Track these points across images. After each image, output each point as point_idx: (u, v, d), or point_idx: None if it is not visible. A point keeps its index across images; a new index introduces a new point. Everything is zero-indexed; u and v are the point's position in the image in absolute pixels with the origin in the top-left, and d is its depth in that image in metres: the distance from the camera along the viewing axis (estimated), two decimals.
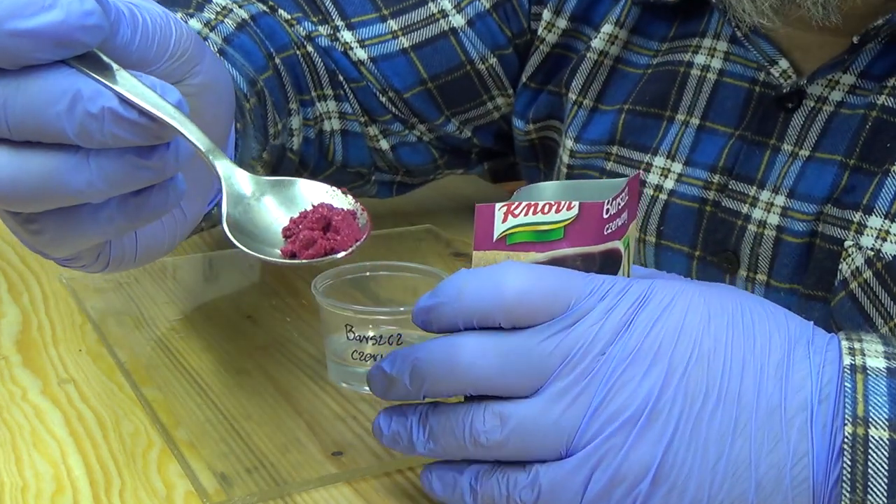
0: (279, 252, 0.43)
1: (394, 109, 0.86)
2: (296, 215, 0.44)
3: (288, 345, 0.71)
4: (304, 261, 0.42)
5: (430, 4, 0.85)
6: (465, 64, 0.86)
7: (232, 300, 0.78)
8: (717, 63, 0.75)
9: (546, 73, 0.86)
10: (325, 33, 0.83)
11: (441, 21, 0.84)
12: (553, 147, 0.88)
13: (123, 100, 0.39)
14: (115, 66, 0.40)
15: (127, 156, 0.41)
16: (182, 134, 0.40)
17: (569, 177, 0.82)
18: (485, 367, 0.46)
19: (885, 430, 0.44)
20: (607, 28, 0.81)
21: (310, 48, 0.82)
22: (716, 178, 0.73)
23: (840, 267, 0.65)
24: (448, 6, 0.85)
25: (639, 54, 0.80)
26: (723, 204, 0.71)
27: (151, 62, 0.44)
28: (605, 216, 0.47)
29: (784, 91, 0.69)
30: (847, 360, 0.46)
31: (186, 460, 0.56)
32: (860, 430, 0.44)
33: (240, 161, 0.65)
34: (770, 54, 0.70)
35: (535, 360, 0.46)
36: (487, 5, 0.85)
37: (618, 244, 0.49)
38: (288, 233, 0.44)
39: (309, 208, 0.44)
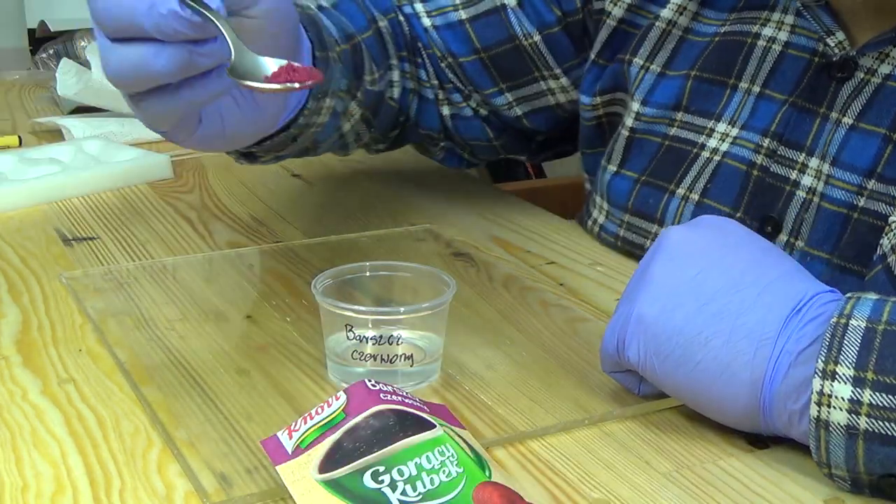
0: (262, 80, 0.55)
1: (451, 76, 0.94)
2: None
3: (288, 345, 0.71)
4: (276, 85, 0.55)
5: None
6: (511, 39, 0.92)
7: (232, 300, 0.78)
8: (783, 35, 0.78)
9: (612, 48, 0.89)
10: (406, 2, 0.94)
11: None
12: (618, 122, 0.89)
13: (183, 3, 0.53)
14: None
15: (188, 46, 0.54)
16: (217, 26, 0.54)
17: (629, 142, 0.85)
18: None
19: (862, 322, 0.53)
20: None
21: (401, 16, 0.94)
22: (766, 143, 0.75)
23: (881, 241, 0.66)
24: None
25: (707, 24, 0.83)
26: (771, 169, 0.74)
27: None
28: (373, 388, 0.54)
29: (834, 60, 0.72)
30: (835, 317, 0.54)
31: (186, 460, 0.56)
32: (842, 321, 0.53)
33: (326, 87, 0.76)
34: (828, 25, 0.74)
35: None
36: None
37: (410, 400, 0.54)
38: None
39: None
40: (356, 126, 0.87)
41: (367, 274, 0.70)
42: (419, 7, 0.94)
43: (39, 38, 1.78)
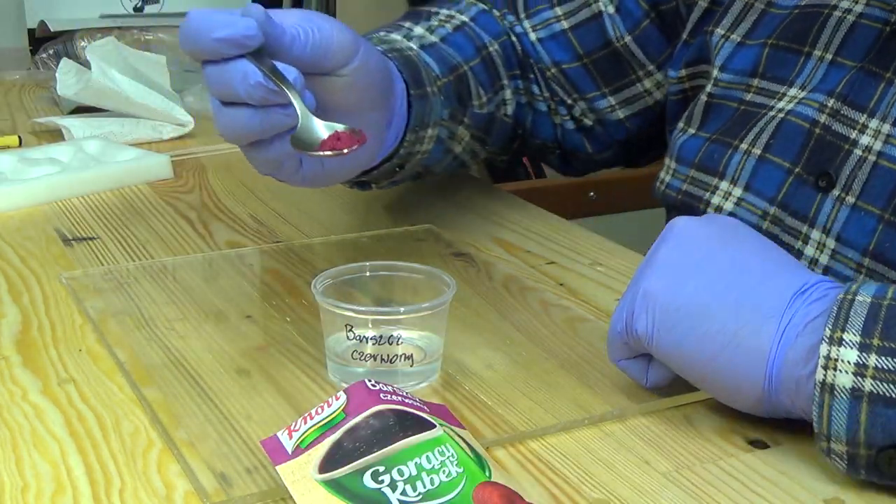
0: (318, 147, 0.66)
1: (557, 87, 0.99)
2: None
3: (288, 345, 0.71)
4: (328, 151, 0.65)
5: None
6: (608, 43, 0.97)
7: (232, 300, 0.78)
8: (858, 7, 0.80)
9: (700, 26, 0.92)
10: (516, 22, 1.00)
11: (593, 5, 0.97)
12: (700, 92, 0.92)
13: (267, 77, 0.64)
14: (270, 60, 0.65)
15: (276, 109, 0.65)
16: (291, 101, 0.65)
17: (707, 107, 0.88)
18: None
19: (868, 297, 0.56)
20: None
21: (513, 37, 1.00)
22: (830, 103, 0.78)
23: None
24: None
25: None
26: (832, 128, 0.76)
27: (320, 59, 0.69)
28: (373, 388, 0.54)
29: None
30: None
31: (186, 460, 0.56)
32: (849, 296, 0.56)
33: (426, 120, 0.83)
34: None
35: None
36: None
37: (410, 400, 0.54)
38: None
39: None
40: (469, 146, 0.94)
41: (367, 274, 0.70)
42: (526, 24, 1.00)
43: (39, 38, 1.78)
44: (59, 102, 1.40)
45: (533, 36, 0.99)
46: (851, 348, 0.54)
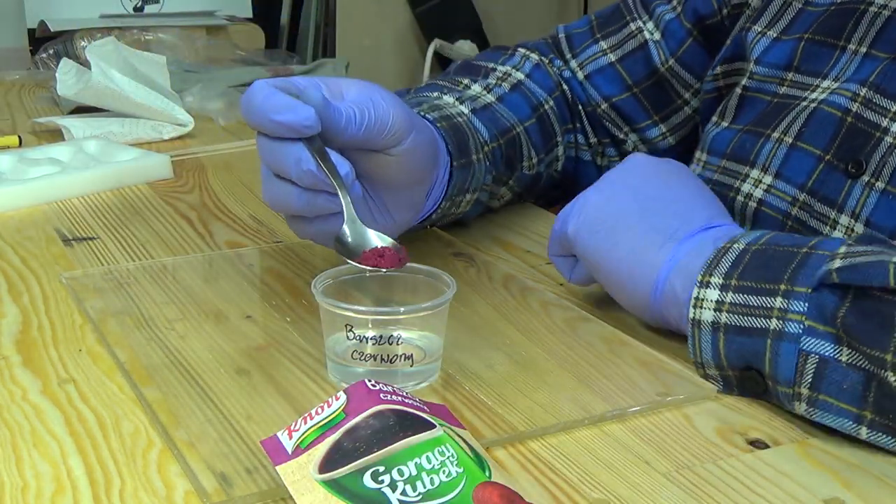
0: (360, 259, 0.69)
1: (607, 123, 1.01)
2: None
3: (288, 345, 0.71)
4: (367, 266, 0.68)
5: (631, 24, 0.99)
6: (655, 70, 0.98)
7: (232, 300, 0.78)
8: (894, 3, 0.81)
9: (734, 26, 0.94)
10: (564, 66, 1.02)
11: (638, 35, 0.99)
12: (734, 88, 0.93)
13: (319, 167, 0.68)
14: (323, 146, 0.69)
15: (322, 194, 0.70)
16: (338, 193, 0.69)
17: (741, 99, 0.89)
18: None
19: (742, 244, 0.67)
20: None
21: (564, 86, 1.01)
22: (863, 92, 0.79)
23: None
24: (648, 23, 0.99)
25: None
26: (864, 116, 0.78)
27: (374, 139, 0.72)
28: (373, 388, 0.54)
29: None
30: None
31: (186, 460, 0.56)
32: (728, 244, 0.67)
33: (462, 185, 0.85)
34: None
35: None
36: (679, 8, 0.98)
37: (410, 400, 0.54)
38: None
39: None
40: (508, 201, 0.98)
41: (367, 274, 0.70)
42: (573, 64, 1.01)
43: (39, 38, 1.78)
44: (59, 102, 1.40)
45: (581, 74, 1.01)
46: (714, 289, 0.65)
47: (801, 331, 0.61)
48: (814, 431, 0.62)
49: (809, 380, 0.60)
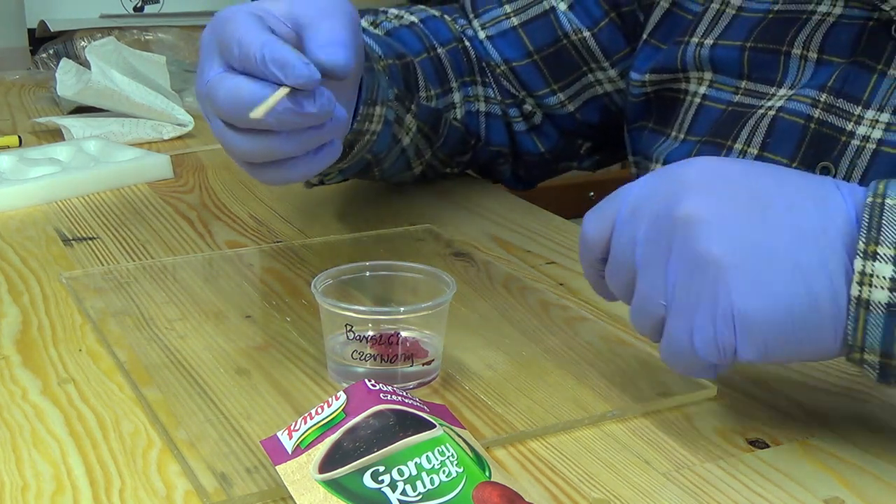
0: None
1: (507, 84, 1.00)
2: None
3: (288, 345, 0.71)
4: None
5: None
6: (561, 38, 0.98)
7: (232, 300, 0.78)
8: (837, 10, 0.80)
9: (666, 30, 0.94)
10: (467, 25, 1.01)
11: (544, 2, 0.98)
12: (671, 99, 0.92)
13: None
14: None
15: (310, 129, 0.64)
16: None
17: (697, 110, 0.88)
18: None
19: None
20: None
21: (465, 42, 1.00)
22: (823, 97, 0.78)
23: None
24: None
25: (759, 2, 0.87)
26: (828, 121, 0.77)
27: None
28: (373, 388, 0.54)
29: (893, 17, 0.76)
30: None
31: (186, 460, 0.56)
32: (878, 199, 0.53)
33: (371, 90, 0.79)
34: None
35: None
36: None
37: (410, 400, 0.54)
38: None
39: None
40: (415, 140, 0.93)
41: (367, 274, 0.70)
42: (476, 24, 1.01)
43: (39, 38, 1.78)
44: (59, 102, 1.40)
45: (482, 34, 1.00)
46: (886, 263, 0.52)
47: None
48: (814, 431, 0.62)
49: None
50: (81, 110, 1.33)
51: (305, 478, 0.51)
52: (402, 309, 0.64)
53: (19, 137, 1.22)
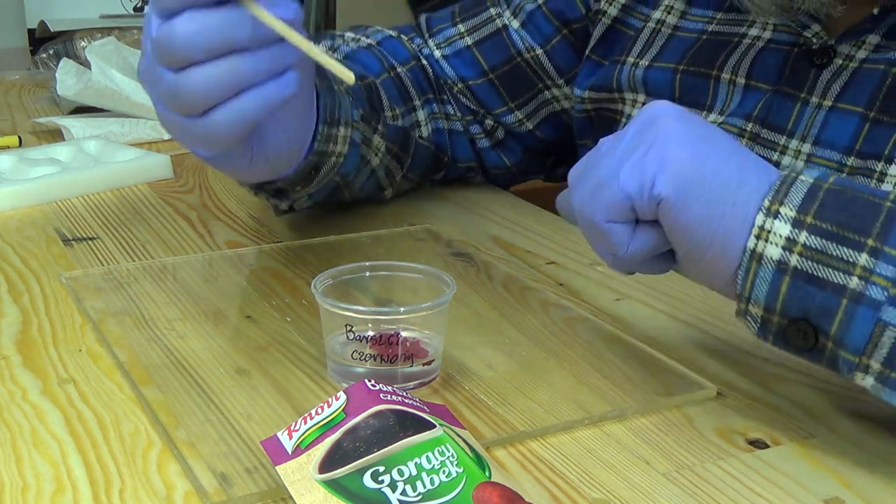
0: None
1: (465, 101, 1.01)
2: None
3: (288, 345, 0.71)
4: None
5: (491, 9, 1.00)
6: (514, 56, 0.99)
7: (232, 300, 0.78)
8: (767, 34, 0.82)
9: (606, 46, 0.95)
10: (423, 44, 1.02)
11: (497, 20, 1.00)
12: (610, 117, 0.94)
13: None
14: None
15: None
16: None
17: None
18: None
19: (810, 179, 0.57)
20: (667, 0, 0.91)
21: (423, 60, 1.01)
22: (749, 127, 0.80)
23: None
24: (506, 11, 1.00)
25: (694, 21, 0.89)
26: (754, 151, 0.76)
27: None
28: (373, 388, 0.54)
29: (814, 48, 0.78)
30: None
31: (186, 460, 0.56)
32: (792, 174, 0.57)
33: (335, 116, 0.79)
34: (803, 20, 0.79)
35: None
36: (540, 1, 0.98)
37: (410, 400, 0.54)
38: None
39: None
40: (385, 161, 0.93)
41: (367, 274, 0.70)
42: (431, 43, 1.02)
43: (39, 38, 1.78)
44: (59, 102, 1.40)
45: (438, 53, 1.01)
46: (784, 222, 0.56)
47: (884, 298, 0.53)
48: (814, 431, 0.62)
49: (884, 354, 0.54)
50: (81, 110, 1.33)
51: (305, 478, 0.51)
52: (402, 309, 0.64)
53: (19, 137, 1.22)
